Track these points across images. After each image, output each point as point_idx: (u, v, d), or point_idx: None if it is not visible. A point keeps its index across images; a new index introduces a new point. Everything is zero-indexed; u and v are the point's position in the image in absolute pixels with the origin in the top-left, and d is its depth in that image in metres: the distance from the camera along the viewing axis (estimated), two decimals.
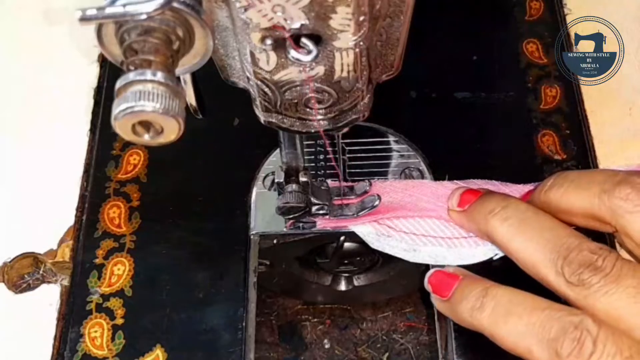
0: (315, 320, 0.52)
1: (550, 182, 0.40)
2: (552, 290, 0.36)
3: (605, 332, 0.33)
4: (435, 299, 0.41)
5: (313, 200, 0.45)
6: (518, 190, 0.47)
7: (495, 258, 0.45)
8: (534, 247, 0.37)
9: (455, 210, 0.45)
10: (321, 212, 0.46)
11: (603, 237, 0.43)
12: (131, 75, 0.27)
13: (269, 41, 0.31)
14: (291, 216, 0.45)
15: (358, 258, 0.55)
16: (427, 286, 0.42)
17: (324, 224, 0.47)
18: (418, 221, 0.47)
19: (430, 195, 0.47)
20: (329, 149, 0.45)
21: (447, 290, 0.40)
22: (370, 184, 0.48)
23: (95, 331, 0.47)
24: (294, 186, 0.44)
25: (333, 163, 0.46)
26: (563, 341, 0.33)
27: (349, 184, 0.49)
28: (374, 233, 0.46)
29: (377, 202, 0.46)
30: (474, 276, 0.41)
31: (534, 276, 0.37)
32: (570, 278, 0.35)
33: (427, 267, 0.51)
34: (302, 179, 0.44)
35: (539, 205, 0.40)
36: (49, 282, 0.50)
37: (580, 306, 0.35)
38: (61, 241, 0.51)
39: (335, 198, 0.48)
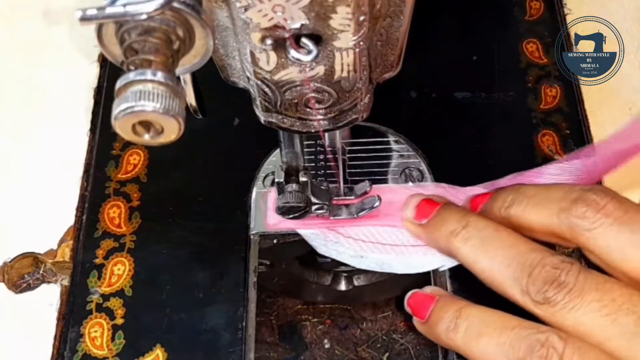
0: (315, 320, 0.52)
1: (509, 198, 0.40)
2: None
3: (572, 347, 0.34)
4: (415, 321, 0.42)
5: (313, 200, 0.45)
6: (466, 193, 0.47)
7: (442, 269, 0.45)
8: (498, 267, 0.38)
9: (412, 222, 0.44)
10: (321, 211, 0.46)
11: None
12: (131, 75, 0.27)
13: (269, 41, 0.31)
14: (291, 216, 0.45)
15: None
16: (407, 308, 0.42)
17: (274, 225, 0.47)
18: (368, 228, 0.47)
19: (385, 201, 0.47)
20: (329, 148, 0.45)
21: (424, 312, 0.40)
22: (371, 185, 0.48)
23: (95, 331, 0.47)
24: (294, 186, 0.44)
25: (333, 163, 0.46)
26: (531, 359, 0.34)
27: (349, 185, 0.49)
28: (322, 238, 0.46)
29: (377, 203, 0.46)
30: (450, 297, 0.41)
31: (502, 295, 0.38)
32: (535, 297, 0.36)
33: None
34: (302, 178, 0.44)
35: (499, 221, 0.40)
36: (49, 282, 0.50)
37: (550, 323, 0.35)
38: (61, 241, 0.51)
39: (335, 198, 0.48)
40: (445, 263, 0.45)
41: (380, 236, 0.46)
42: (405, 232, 0.46)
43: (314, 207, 0.46)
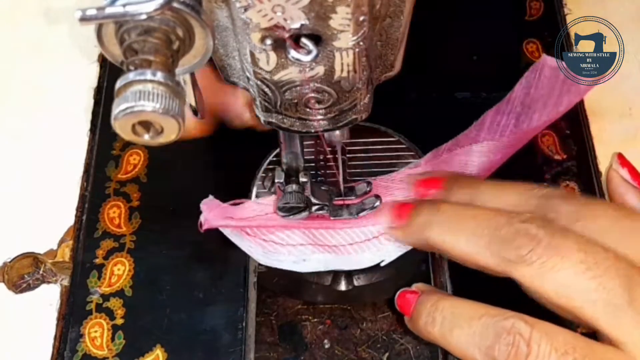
0: (315, 320, 0.52)
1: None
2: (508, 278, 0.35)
3: (539, 331, 0.33)
4: (405, 320, 0.41)
5: (313, 200, 0.45)
6: (403, 175, 0.48)
7: (382, 264, 0.46)
8: (472, 242, 0.36)
9: (395, 228, 0.44)
10: (321, 212, 0.46)
11: None
12: (131, 75, 0.27)
13: (269, 41, 0.31)
14: (291, 216, 0.45)
15: None
16: (397, 307, 0.42)
17: (210, 223, 0.46)
18: (304, 232, 0.46)
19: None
20: (329, 148, 0.45)
21: (409, 308, 0.40)
22: (371, 185, 0.48)
23: (95, 331, 0.47)
24: (294, 186, 0.44)
25: (333, 163, 0.46)
26: (498, 347, 0.33)
27: (349, 184, 0.49)
28: (260, 250, 0.46)
29: (377, 203, 0.46)
30: (431, 290, 0.41)
31: (489, 272, 0.36)
32: (510, 256, 0.34)
33: (427, 266, 0.51)
34: (302, 179, 0.44)
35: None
36: (49, 282, 0.50)
37: (532, 290, 0.34)
38: (61, 241, 0.51)
39: (336, 199, 0.48)
40: (385, 258, 0.45)
41: (318, 239, 0.46)
42: (341, 232, 0.46)
43: (314, 208, 0.46)
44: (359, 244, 0.46)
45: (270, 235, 0.46)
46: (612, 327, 0.32)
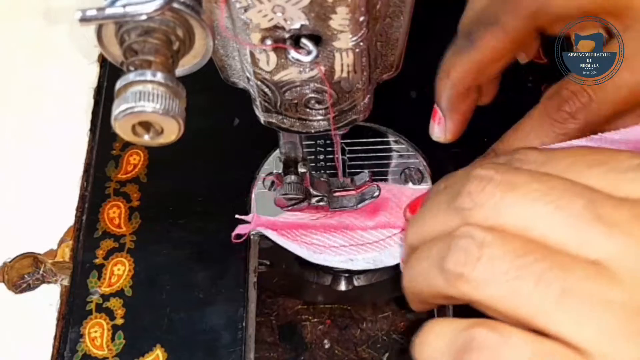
0: (315, 320, 0.53)
1: None
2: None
3: (494, 235, 0.28)
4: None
5: (312, 192, 0.45)
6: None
7: None
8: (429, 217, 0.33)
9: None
10: (321, 203, 0.46)
11: None
12: (131, 76, 0.27)
13: (269, 41, 0.31)
14: (289, 206, 0.45)
15: None
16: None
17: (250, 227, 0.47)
18: (344, 233, 0.47)
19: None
20: (329, 149, 0.46)
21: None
22: (370, 176, 0.48)
23: (95, 331, 0.47)
24: (292, 177, 0.44)
25: (335, 163, 0.47)
26: (449, 257, 0.29)
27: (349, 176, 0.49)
28: (306, 252, 0.47)
29: (377, 193, 0.46)
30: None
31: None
32: (462, 204, 0.30)
33: None
34: (301, 170, 0.44)
35: None
36: (49, 282, 0.50)
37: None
38: (61, 241, 0.51)
39: (335, 189, 0.48)
40: None
41: (357, 239, 0.47)
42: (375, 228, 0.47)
43: (313, 199, 0.46)
44: (396, 235, 0.46)
45: (312, 238, 0.47)
46: (581, 246, 0.28)
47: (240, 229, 0.47)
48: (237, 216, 0.47)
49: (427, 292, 0.32)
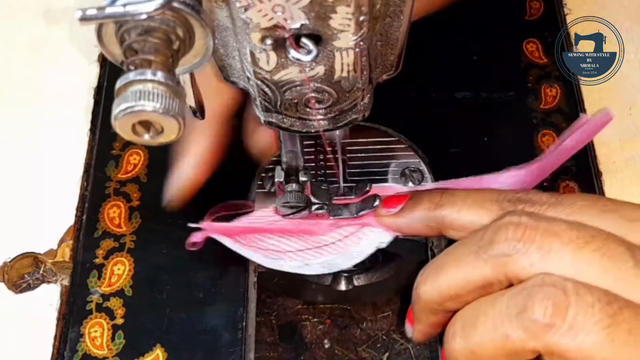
0: (315, 320, 0.52)
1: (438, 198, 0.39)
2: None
3: (573, 282, 0.29)
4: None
5: (313, 199, 0.45)
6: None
7: (382, 246, 0.45)
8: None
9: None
10: (321, 211, 0.46)
11: None
12: (131, 75, 0.27)
13: (269, 41, 0.31)
14: (290, 214, 0.45)
15: None
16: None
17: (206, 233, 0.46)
18: (300, 237, 0.46)
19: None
20: (329, 148, 0.46)
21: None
22: (370, 185, 0.48)
23: (95, 331, 0.47)
24: (293, 185, 0.44)
25: (333, 163, 0.46)
26: (534, 307, 0.28)
27: (349, 184, 0.49)
28: (262, 257, 0.46)
29: (377, 202, 0.46)
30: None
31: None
32: (499, 250, 0.31)
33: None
34: (302, 178, 0.44)
35: (420, 222, 0.40)
36: (49, 282, 0.50)
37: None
38: (61, 241, 0.51)
39: (335, 198, 0.48)
40: (383, 240, 0.45)
41: (314, 241, 0.46)
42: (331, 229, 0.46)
43: (313, 207, 0.46)
44: (354, 234, 0.45)
45: (267, 243, 0.46)
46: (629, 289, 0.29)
47: (194, 237, 0.46)
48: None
49: (494, 349, 0.30)
